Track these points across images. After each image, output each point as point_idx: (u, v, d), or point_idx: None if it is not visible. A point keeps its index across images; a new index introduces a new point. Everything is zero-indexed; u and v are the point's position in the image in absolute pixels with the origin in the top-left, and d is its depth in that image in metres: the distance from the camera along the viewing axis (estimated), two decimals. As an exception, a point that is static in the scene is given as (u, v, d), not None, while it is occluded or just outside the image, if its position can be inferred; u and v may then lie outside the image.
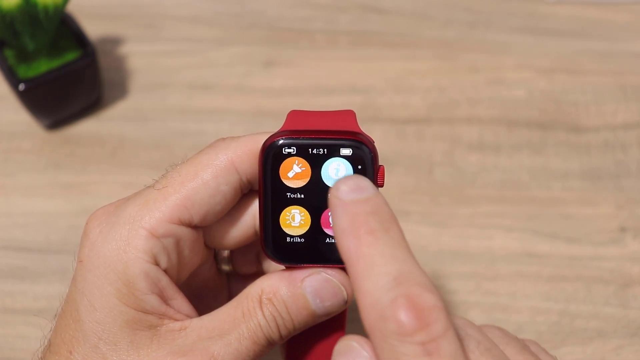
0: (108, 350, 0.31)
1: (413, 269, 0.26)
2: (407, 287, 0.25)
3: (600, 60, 0.64)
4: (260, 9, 0.69)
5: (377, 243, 0.26)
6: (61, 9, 0.55)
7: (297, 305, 0.32)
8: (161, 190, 0.32)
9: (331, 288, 0.32)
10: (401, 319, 0.24)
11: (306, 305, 0.32)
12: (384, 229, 0.26)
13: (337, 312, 0.33)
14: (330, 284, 0.32)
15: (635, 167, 0.57)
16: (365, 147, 0.31)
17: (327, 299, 0.32)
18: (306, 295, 0.32)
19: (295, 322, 0.32)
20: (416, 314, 0.24)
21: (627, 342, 0.48)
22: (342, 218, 0.26)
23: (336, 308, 0.33)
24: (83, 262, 0.31)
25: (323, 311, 0.33)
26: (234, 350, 0.31)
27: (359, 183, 0.27)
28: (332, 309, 0.33)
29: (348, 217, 0.26)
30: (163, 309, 0.32)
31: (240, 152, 0.32)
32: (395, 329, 0.24)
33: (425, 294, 0.25)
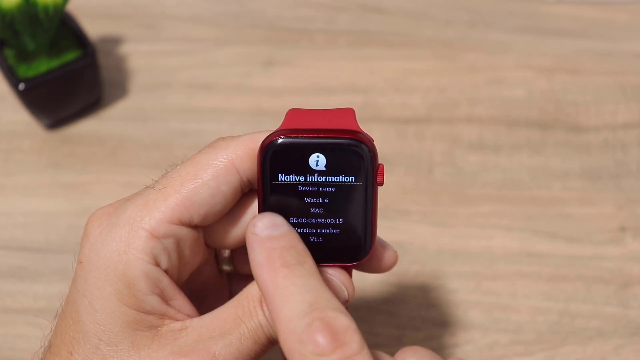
0: (109, 351, 0.31)
1: (327, 296, 0.28)
2: (322, 311, 0.27)
3: (600, 60, 0.64)
4: (260, 9, 0.69)
5: (293, 275, 0.28)
6: (61, 9, 0.55)
7: None
8: (161, 191, 0.32)
9: (332, 288, 0.32)
10: (318, 340, 0.26)
11: None
12: (299, 262, 0.29)
13: None
14: (330, 284, 0.32)
15: (635, 167, 0.57)
16: (365, 146, 0.31)
17: None
18: None
19: None
20: (332, 335, 0.26)
21: (627, 342, 0.48)
22: (259, 253, 0.29)
23: None
24: (83, 263, 0.31)
25: None
26: (235, 350, 0.31)
27: (274, 220, 0.30)
28: None
29: (264, 252, 0.29)
30: (164, 309, 0.32)
31: (240, 151, 0.32)
32: (313, 350, 0.26)
33: (340, 316, 0.27)
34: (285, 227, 0.30)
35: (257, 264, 0.29)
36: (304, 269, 0.29)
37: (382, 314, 0.49)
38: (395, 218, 0.54)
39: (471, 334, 0.48)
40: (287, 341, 0.27)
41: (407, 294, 0.50)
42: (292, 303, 0.27)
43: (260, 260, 0.29)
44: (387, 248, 0.36)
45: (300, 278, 0.28)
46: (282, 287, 0.28)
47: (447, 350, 0.48)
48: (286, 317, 0.27)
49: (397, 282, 0.51)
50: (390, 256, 0.36)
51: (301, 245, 0.30)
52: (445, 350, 0.48)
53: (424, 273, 0.51)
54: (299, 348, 0.26)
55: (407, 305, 0.50)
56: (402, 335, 0.48)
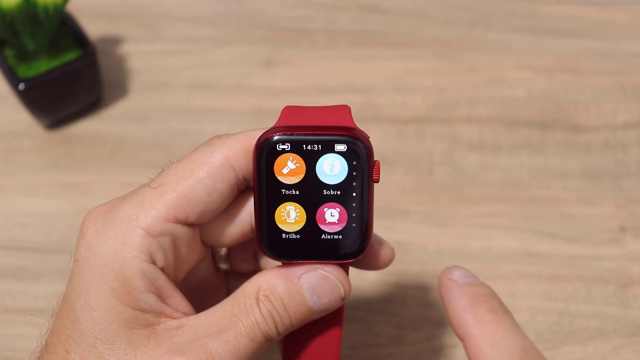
0: (105, 349, 0.31)
1: (533, 346, 0.29)
2: (534, 358, 0.28)
3: (600, 60, 0.64)
4: (260, 9, 0.69)
5: (500, 321, 0.29)
6: (61, 9, 0.55)
7: (294, 302, 0.32)
8: (157, 189, 0.32)
9: (328, 285, 0.32)
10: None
11: (303, 302, 0.32)
12: (504, 310, 0.30)
13: (335, 308, 0.33)
14: (327, 281, 0.32)
15: (635, 167, 0.57)
16: (360, 143, 0.31)
17: (324, 296, 0.32)
18: (303, 292, 0.32)
19: (292, 318, 0.32)
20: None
21: (627, 342, 0.48)
22: (460, 297, 0.30)
23: (333, 305, 0.33)
24: (79, 262, 0.31)
25: (320, 308, 0.33)
26: (231, 348, 0.31)
27: (468, 272, 0.32)
28: (330, 305, 0.33)
29: (466, 296, 0.30)
30: (160, 308, 0.32)
31: (236, 149, 0.32)
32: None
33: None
34: (480, 280, 0.32)
35: (460, 307, 0.30)
36: (509, 317, 0.30)
37: (382, 314, 0.49)
38: (395, 218, 0.54)
39: (471, 333, 0.48)
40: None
41: (407, 294, 0.50)
42: (503, 347, 0.28)
43: (463, 304, 0.29)
44: (384, 245, 0.36)
45: (508, 325, 0.29)
46: (489, 331, 0.29)
47: (447, 350, 0.48)
48: (496, 359, 0.28)
49: (397, 282, 0.51)
50: (386, 253, 0.36)
51: (499, 297, 0.31)
52: (445, 350, 0.48)
53: (424, 273, 0.51)
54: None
55: (407, 305, 0.50)
56: (402, 335, 0.48)
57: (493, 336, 0.28)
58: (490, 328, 0.29)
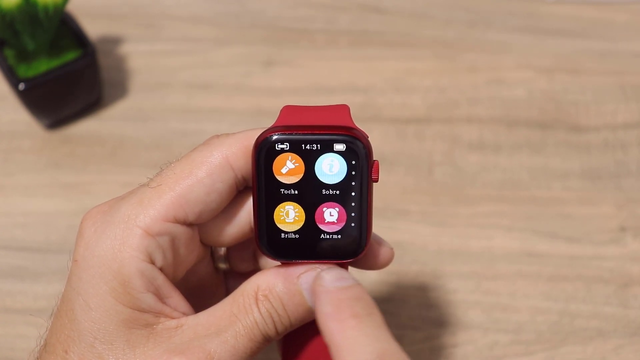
0: (104, 349, 0.31)
1: (395, 348, 0.28)
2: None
3: (600, 60, 0.64)
4: (260, 9, 0.69)
5: (362, 325, 0.28)
6: (61, 9, 0.55)
7: (293, 302, 0.32)
8: (156, 189, 0.32)
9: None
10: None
11: (302, 302, 0.32)
12: (368, 313, 0.29)
13: None
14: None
15: (635, 167, 0.57)
16: (359, 142, 0.31)
17: None
18: (302, 291, 0.32)
19: (291, 318, 0.32)
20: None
21: (627, 342, 0.48)
22: (326, 304, 0.29)
23: None
24: (78, 262, 0.31)
25: None
26: (230, 348, 0.31)
27: (341, 273, 0.30)
28: None
29: (332, 302, 0.29)
30: (159, 307, 0.32)
31: (235, 148, 0.32)
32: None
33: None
34: (352, 280, 0.30)
35: (326, 315, 0.29)
36: (373, 320, 0.29)
37: (382, 314, 0.49)
38: (395, 218, 0.54)
39: (471, 334, 0.48)
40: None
41: (407, 294, 0.50)
42: (360, 354, 0.27)
43: (329, 312, 0.29)
44: (383, 245, 0.36)
45: (369, 328, 0.28)
46: (350, 337, 0.28)
47: (447, 350, 0.48)
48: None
49: (397, 282, 0.51)
50: (386, 253, 0.36)
51: (369, 298, 0.30)
52: (445, 350, 0.48)
53: (424, 273, 0.51)
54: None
55: (407, 305, 0.50)
56: (402, 335, 0.48)
57: (352, 343, 0.28)
58: (351, 334, 0.28)
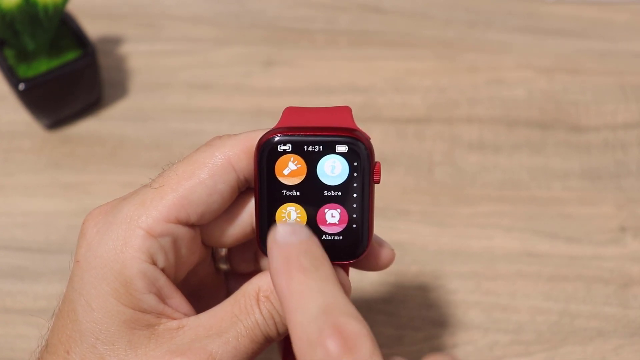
0: (106, 350, 0.31)
1: (340, 301, 0.27)
2: (334, 316, 0.26)
3: (600, 60, 0.64)
4: (260, 9, 0.69)
5: (308, 279, 0.28)
6: (61, 9, 0.55)
7: None
8: (158, 190, 0.32)
9: None
10: (328, 345, 0.26)
11: None
12: (314, 266, 0.28)
13: None
14: None
15: (635, 167, 0.57)
16: (361, 144, 0.31)
17: None
18: None
19: None
20: (342, 341, 0.26)
21: (627, 342, 0.48)
22: (276, 259, 0.28)
23: None
24: (80, 262, 0.31)
25: None
26: (232, 349, 0.31)
27: (294, 228, 0.29)
28: None
29: (282, 257, 0.28)
30: (161, 308, 0.32)
31: (237, 149, 0.32)
32: (323, 356, 0.26)
33: (351, 322, 0.26)
34: (305, 234, 0.29)
35: (274, 270, 0.28)
36: (320, 273, 0.28)
37: (382, 314, 0.49)
38: (395, 218, 0.54)
39: (471, 334, 0.48)
40: (299, 346, 0.27)
41: (407, 294, 0.50)
42: (305, 308, 0.27)
43: (277, 266, 0.28)
44: (384, 246, 0.36)
45: (315, 282, 0.28)
46: (296, 292, 0.27)
47: (447, 350, 0.48)
48: (299, 322, 0.27)
49: (397, 282, 0.51)
50: (387, 254, 0.36)
51: (319, 251, 0.29)
52: (445, 350, 0.48)
53: (424, 273, 0.51)
54: (309, 353, 0.26)
55: (407, 305, 0.50)
56: (402, 335, 0.48)
57: (298, 297, 0.27)
58: (298, 288, 0.27)
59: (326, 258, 0.29)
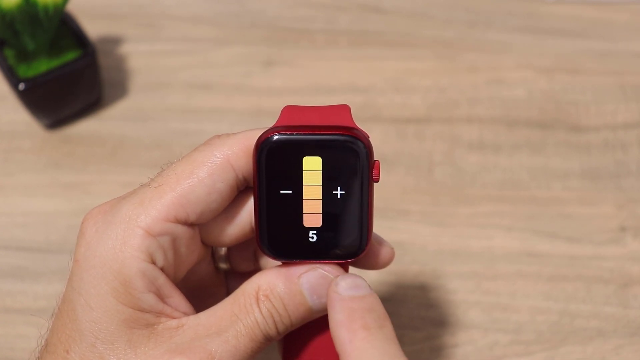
0: (105, 349, 0.31)
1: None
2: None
3: (600, 60, 0.64)
4: (260, 9, 0.69)
5: (372, 337, 0.28)
6: (61, 9, 0.55)
7: (294, 302, 0.32)
8: (157, 189, 0.32)
9: (328, 284, 0.32)
10: None
11: (303, 302, 0.32)
12: (379, 325, 0.29)
13: None
14: (326, 280, 0.32)
15: (635, 167, 0.57)
16: (360, 143, 0.31)
17: (323, 295, 0.32)
18: (303, 291, 0.32)
19: (292, 318, 0.32)
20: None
21: (627, 342, 0.48)
22: (339, 312, 0.29)
23: None
24: (79, 262, 0.31)
25: (320, 307, 0.33)
26: (231, 348, 0.31)
27: (356, 282, 0.30)
28: None
29: (345, 311, 0.29)
30: (160, 307, 0.32)
31: (236, 149, 0.32)
32: None
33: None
34: (367, 289, 0.30)
35: (337, 322, 0.29)
36: (383, 333, 0.28)
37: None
38: (395, 218, 0.54)
39: (471, 334, 0.48)
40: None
41: (407, 294, 0.50)
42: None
43: (341, 320, 0.29)
44: (384, 244, 0.36)
45: (379, 341, 0.28)
46: (360, 349, 0.28)
47: (447, 350, 0.48)
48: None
49: (397, 282, 0.51)
50: (386, 252, 0.36)
51: (382, 309, 0.30)
52: (445, 350, 0.48)
53: (424, 273, 0.51)
54: None
55: (407, 305, 0.50)
56: (402, 335, 0.48)
57: (360, 354, 0.28)
58: (361, 345, 0.28)
59: (388, 318, 0.30)
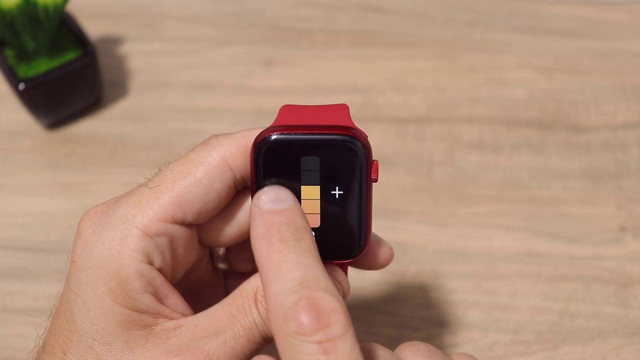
0: (102, 350, 0.31)
1: (318, 275, 0.27)
2: (310, 290, 0.26)
3: (600, 60, 0.64)
4: (260, 9, 0.69)
5: (287, 250, 0.28)
6: (61, 9, 0.55)
7: None
8: (154, 189, 0.32)
9: None
10: (301, 319, 0.26)
11: None
12: (296, 238, 0.28)
13: None
14: None
15: (635, 167, 0.57)
16: (359, 142, 0.31)
17: None
18: None
19: None
20: (316, 315, 0.26)
21: (627, 342, 0.47)
22: (258, 226, 0.28)
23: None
24: (76, 263, 0.31)
25: None
26: (229, 349, 0.31)
27: (278, 194, 0.29)
28: None
29: (264, 225, 0.28)
30: (157, 308, 0.31)
31: (234, 148, 0.32)
32: (296, 329, 0.26)
33: (327, 297, 0.26)
34: (289, 202, 0.29)
35: (256, 237, 0.28)
36: (300, 245, 0.28)
37: (381, 314, 0.49)
38: (395, 218, 0.54)
39: (471, 334, 0.48)
40: (273, 318, 0.27)
41: (407, 294, 0.50)
42: (282, 279, 0.27)
43: (259, 234, 0.28)
44: (383, 244, 0.36)
45: (294, 254, 0.28)
46: (275, 262, 0.27)
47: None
48: (275, 293, 0.27)
49: (397, 282, 0.51)
50: (385, 252, 0.36)
51: (301, 222, 0.29)
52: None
53: (424, 273, 0.51)
54: (282, 326, 0.26)
55: (407, 305, 0.50)
56: (401, 335, 0.48)
57: (276, 268, 0.27)
58: (277, 258, 0.27)
59: (308, 230, 0.29)
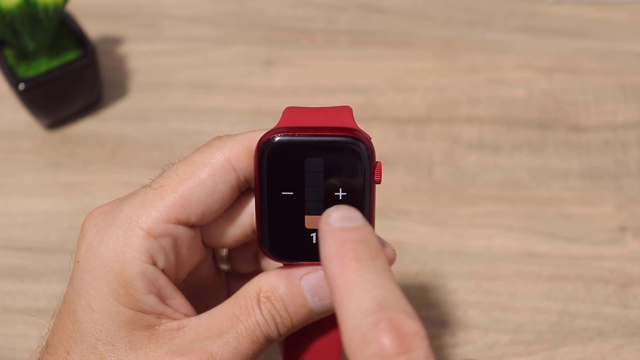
0: (106, 350, 0.31)
1: (398, 297, 0.26)
2: (391, 312, 0.25)
3: (600, 60, 0.64)
4: (260, 9, 0.69)
5: (363, 270, 0.26)
6: (61, 9, 0.55)
7: (295, 304, 0.32)
8: (158, 190, 0.32)
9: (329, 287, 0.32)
10: (383, 342, 0.24)
11: (304, 303, 0.32)
12: (371, 257, 0.27)
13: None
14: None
15: (635, 167, 0.57)
16: (362, 144, 0.31)
17: (325, 297, 0.32)
18: (304, 293, 0.32)
19: (293, 320, 0.32)
20: (398, 338, 0.25)
21: (627, 342, 0.48)
22: (331, 244, 0.27)
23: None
24: (80, 263, 0.31)
25: (321, 309, 0.33)
26: (232, 349, 0.31)
27: (349, 213, 0.29)
28: (330, 306, 0.33)
29: (336, 243, 0.27)
30: (161, 309, 0.32)
31: (237, 150, 0.32)
32: (377, 351, 0.24)
33: (409, 320, 0.25)
34: (360, 221, 0.29)
35: (328, 255, 0.27)
36: (376, 265, 0.27)
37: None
38: (395, 218, 0.54)
39: (471, 334, 0.48)
40: (350, 338, 0.26)
41: (407, 294, 0.50)
42: (360, 299, 0.26)
43: (331, 252, 0.27)
44: (385, 246, 0.36)
45: (371, 274, 0.26)
46: (351, 281, 0.26)
47: (447, 350, 0.48)
48: (352, 313, 0.26)
49: (397, 282, 0.50)
50: (388, 254, 0.36)
51: (375, 241, 0.28)
52: (445, 350, 0.48)
53: (424, 273, 0.51)
54: (361, 347, 0.25)
55: (407, 305, 0.50)
56: (401, 335, 0.48)
57: (352, 287, 0.26)
58: (352, 278, 0.26)
59: (382, 250, 0.28)
